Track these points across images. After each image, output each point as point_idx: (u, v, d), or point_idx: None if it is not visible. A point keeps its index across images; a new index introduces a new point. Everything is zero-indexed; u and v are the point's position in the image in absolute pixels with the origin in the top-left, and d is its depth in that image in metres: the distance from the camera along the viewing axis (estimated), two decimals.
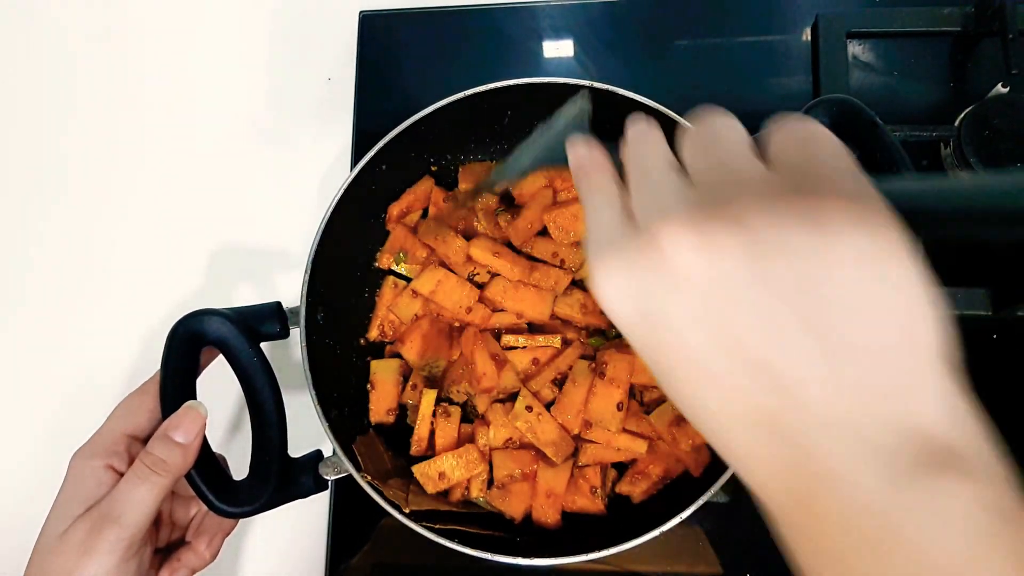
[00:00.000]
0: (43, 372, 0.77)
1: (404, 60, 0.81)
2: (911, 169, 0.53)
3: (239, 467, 0.53)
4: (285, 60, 0.84)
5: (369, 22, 0.81)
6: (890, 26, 0.72)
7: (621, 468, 0.62)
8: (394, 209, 0.68)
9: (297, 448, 0.55)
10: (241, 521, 0.63)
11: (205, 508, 0.49)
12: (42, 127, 0.85)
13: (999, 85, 0.67)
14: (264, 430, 0.52)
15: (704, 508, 0.53)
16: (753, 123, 0.59)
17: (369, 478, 0.54)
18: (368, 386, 0.64)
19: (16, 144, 0.84)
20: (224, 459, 0.57)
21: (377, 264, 0.69)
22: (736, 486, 0.65)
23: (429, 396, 0.62)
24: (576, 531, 0.60)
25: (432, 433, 0.62)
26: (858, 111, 0.56)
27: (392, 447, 0.62)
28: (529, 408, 0.60)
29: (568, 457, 0.60)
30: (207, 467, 0.49)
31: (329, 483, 0.55)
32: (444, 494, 0.60)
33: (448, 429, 0.61)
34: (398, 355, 0.66)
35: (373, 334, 0.66)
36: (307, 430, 0.57)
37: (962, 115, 0.66)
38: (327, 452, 0.57)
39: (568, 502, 0.60)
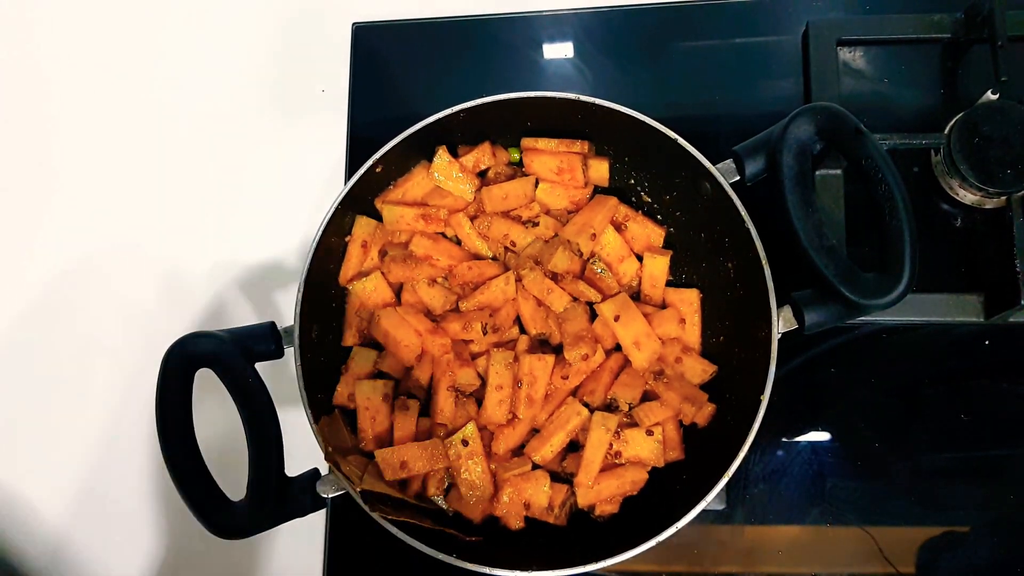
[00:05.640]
0: (31, 389, 0.77)
1: (398, 71, 0.81)
2: (896, 176, 0.53)
3: (236, 488, 0.53)
4: (279, 72, 0.84)
5: (362, 33, 0.81)
6: (880, 33, 0.72)
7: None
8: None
9: (290, 461, 0.54)
10: None
11: None
12: (36, 141, 0.85)
13: (989, 92, 0.67)
14: (261, 450, 0.52)
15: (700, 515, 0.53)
16: (746, 127, 0.60)
17: (330, 449, 0.54)
18: (343, 367, 0.64)
19: (9, 159, 0.85)
20: None
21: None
22: (729, 494, 0.66)
23: (363, 387, 0.61)
24: (579, 538, 0.60)
25: (389, 427, 0.61)
26: (843, 118, 0.56)
27: (355, 431, 0.62)
28: (464, 442, 0.60)
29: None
30: (204, 490, 0.50)
31: (327, 501, 0.55)
32: (401, 485, 0.60)
33: (407, 422, 0.61)
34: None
35: (350, 340, 0.65)
36: (300, 446, 0.57)
37: (952, 122, 0.66)
38: (323, 470, 0.57)
39: (530, 512, 0.60)
